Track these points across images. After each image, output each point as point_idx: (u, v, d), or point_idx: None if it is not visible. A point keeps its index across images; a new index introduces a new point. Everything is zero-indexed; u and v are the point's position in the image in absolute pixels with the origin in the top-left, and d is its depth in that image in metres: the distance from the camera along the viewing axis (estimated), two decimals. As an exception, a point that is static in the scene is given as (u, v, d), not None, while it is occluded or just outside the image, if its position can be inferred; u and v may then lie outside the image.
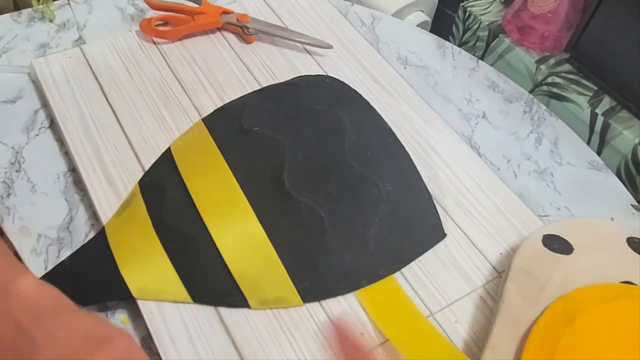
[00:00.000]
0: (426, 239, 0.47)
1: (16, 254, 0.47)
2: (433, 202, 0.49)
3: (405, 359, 0.41)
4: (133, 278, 0.42)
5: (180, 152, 0.49)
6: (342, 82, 0.57)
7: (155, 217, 0.45)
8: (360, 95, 0.55)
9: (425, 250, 0.47)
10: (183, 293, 0.42)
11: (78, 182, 0.51)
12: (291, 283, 0.42)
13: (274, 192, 0.45)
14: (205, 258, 0.43)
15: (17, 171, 0.52)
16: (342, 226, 0.45)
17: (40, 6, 0.65)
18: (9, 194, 0.50)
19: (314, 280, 0.43)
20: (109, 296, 0.42)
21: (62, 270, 0.43)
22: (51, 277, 0.42)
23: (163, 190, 0.46)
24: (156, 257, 0.43)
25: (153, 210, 0.45)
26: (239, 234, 0.43)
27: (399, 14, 0.95)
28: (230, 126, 0.50)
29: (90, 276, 0.43)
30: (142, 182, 0.48)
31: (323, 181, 0.46)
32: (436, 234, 0.48)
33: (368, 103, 0.54)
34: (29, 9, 0.66)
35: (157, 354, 0.41)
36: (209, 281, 0.43)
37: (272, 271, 0.42)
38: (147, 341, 0.43)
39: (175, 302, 0.43)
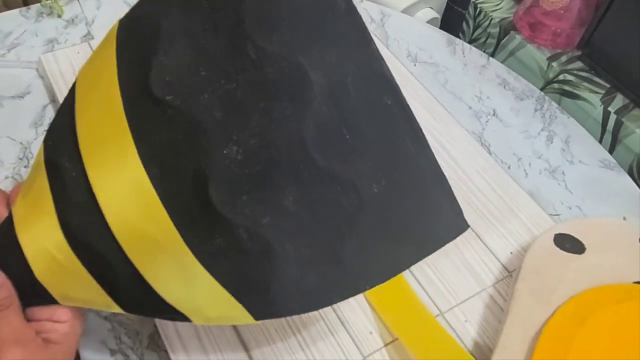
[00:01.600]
0: (435, 232, 0.35)
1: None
2: (450, 189, 0.35)
3: (414, 357, 0.40)
4: (52, 285, 0.33)
5: (81, 110, 0.33)
6: None
7: (61, 215, 0.32)
8: (352, 10, 0.32)
9: (439, 248, 0.35)
10: (114, 306, 0.33)
11: (86, 178, 0.51)
12: (239, 304, 0.32)
13: (198, 207, 0.30)
14: (126, 278, 0.32)
15: (25, 167, 0.52)
16: (302, 249, 0.31)
17: (49, 1, 0.65)
18: (17, 189, 0.50)
19: (268, 304, 0.33)
20: (30, 300, 0.33)
21: None
22: None
23: (62, 176, 0.32)
24: (73, 268, 0.33)
25: (58, 205, 0.32)
26: (159, 253, 0.31)
27: (409, 10, 0.94)
28: (139, 84, 0.31)
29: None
30: (47, 156, 0.33)
31: (272, 190, 0.30)
32: (450, 225, 0.35)
33: (364, 30, 0.32)
34: (38, 5, 0.66)
35: (165, 351, 0.41)
36: (138, 300, 0.33)
37: (210, 293, 0.32)
38: (155, 337, 0.43)
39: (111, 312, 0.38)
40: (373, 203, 0.31)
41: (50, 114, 0.56)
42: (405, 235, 0.34)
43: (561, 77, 0.66)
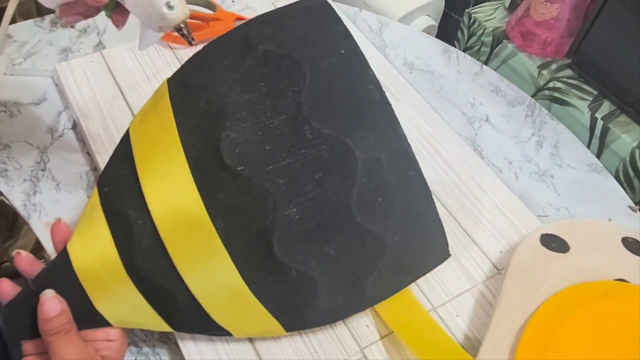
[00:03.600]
0: (429, 263, 0.45)
1: (42, 248, 0.50)
2: (443, 229, 0.42)
3: (409, 350, 0.43)
4: (109, 312, 0.39)
5: (145, 165, 0.39)
6: (364, 62, 0.39)
7: (125, 257, 0.38)
8: (386, 102, 0.38)
9: (427, 273, 0.45)
10: (165, 327, 0.40)
11: (100, 181, 0.54)
12: (278, 324, 0.40)
13: (260, 253, 0.37)
14: (185, 307, 0.39)
15: (42, 170, 0.55)
16: (336, 283, 0.39)
17: (62, 12, 0.68)
18: (35, 192, 0.53)
19: (300, 322, 0.42)
20: (86, 324, 0.39)
21: (31, 296, 0.38)
22: (19, 303, 0.39)
23: (129, 223, 0.38)
24: (133, 300, 0.39)
25: (120, 248, 0.38)
26: (220, 289, 0.38)
27: (406, 18, 0.97)
28: (208, 151, 0.37)
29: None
30: (104, 201, 0.40)
31: (319, 242, 0.37)
32: (440, 257, 0.45)
33: (394, 118, 0.39)
34: (52, 15, 0.69)
35: (175, 344, 0.44)
36: (192, 322, 0.40)
37: (258, 317, 0.40)
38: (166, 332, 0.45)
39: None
40: (393, 248, 0.39)
41: (64, 120, 0.59)
42: (411, 268, 0.43)
43: (551, 84, 0.69)
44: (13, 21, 0.75)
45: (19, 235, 0.96)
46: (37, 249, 0.95)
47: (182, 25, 0.40)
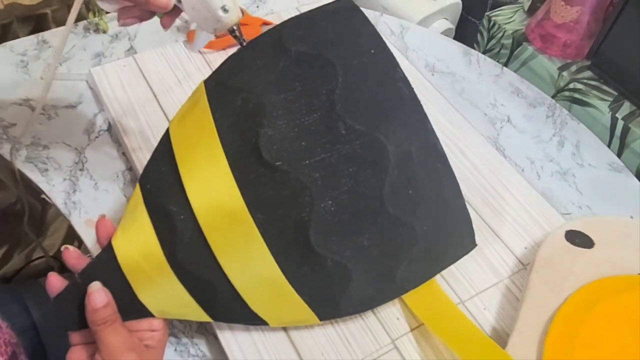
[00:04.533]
0: (457, 253, 0.46)
1: (82, 243, 0.52)
2: (470, 219, 0.44)
3: (439, 341, 0.45)
4: (152, 303, 0.41)
5: (186, 163, 0.40)
6: (392, 60, 0.41)
7: (167, 251, 0.40)
8: (415, 98, 0.40)
9: (455, 262, 0.47)
10: (205, 317, 0.42)
11: (135, 180, 0.56)
12: (312, 313, 0.42)
13: (297, 244, 0.39)
14: (225, 298, 0.41)
15: (80, 170, 0.57)
16: (369, 272, 0.41)
17: (95, 19, 0.71)
18: (74, 191, 0.55)
19: (334, 311, 0.44)
20: (130, 315, 0.41)
21: (78, 289, 0.40)
22: (67, 295, 0.41)
23: (171, 218, 0.40)
24: (175, 291, 0.41)
25: (163, 242, 0.40)
26: (258, 279, 0.40)
27: (425, 21, 0.99)
28: (247, 148, 0.39)
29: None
30: (146, 198, 0.41)
31: (353, 233, 0.39)
32: (467, 247, 0.46)
33: (423, 113, 0.41)
34: (85, 21, 0.72)
35: (213, 335, 0.46)
36: (231, 312, 0.42)
37: (294, 306, 0.42)
38: (203, 322, 0.47)
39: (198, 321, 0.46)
40: (423, 238, 0.41)
41: (100, 122, 0.62)
42: (439, 257, 0.45)
43: (571, 85, 0.70)
44: (47, 28, 0.77)
45: (47, 234, 0.99)
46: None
47: (235, 28, 0.42)
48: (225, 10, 0.40)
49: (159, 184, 0.42)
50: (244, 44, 0.43)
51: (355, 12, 0.42)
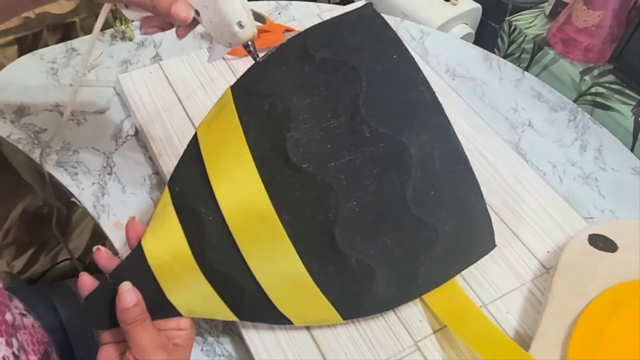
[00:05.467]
0: (477, 253, 0.47)
1: (112, 246, 0.54)
2: (490, 220, 0.44)
3: (462, 343, 0.45)
4: (180, 303, 0.42)
5: (214, 165, 0.42)
6: (414, 65, 0.42)
7: (196, 251, 0.41)
8: (437, 102, 0.41)
9: (475, 262, 0.47)
10: (231, 316, 0.43)
11: (162, 184, 0.58)
12: (336, 312, 0.43)
13: (323, 244, 0.40)
14: (251, 297, 0.42)
15: (109, 174, 0.59)
16: (392, 271, 0.42)
17: (122, 27, 0.73)
18: (103, 194, 0.57)
19: (357, 310, 0.45)
20: (159, 314, 0.42)
21: (109, 289, 0.42)
22: (98, 295, 0.42)
23: (200, 219, 0.41)
24: (203, 291, 0.42)
25: (192, 242, 0.41)
26: (284, 279, 0.41)
27: (445, 26, 0.99)
28: (274, 151, 0.40)
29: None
30: (175, 200, 0.43)
31: (377, 233, 0.40)
32: (487, 247, 0.47)
33: (445, 116, 0.41)
34: (111, 29, 0.74)
35: (238, 335, 0.47)
36: (256, 311, 0.43)
37: (318, 305, 0.43)
38: (229, 323, 0.48)
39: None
40: (445, 238, 0.42)
41: (127, 127, 0.63)
42: (460, 257, 0.46)
43: (593, 89, 0.70)
44: (76, 36, 0.80)
45: (71, 237, 1.01)
46: (88, 251, 1.00)
47: (249, 43, 0.43)
48: (241, 25, 0.41)
49: (188, 186, 0.43)
50: (258, 59, 0.44)
51: (377, 18, 0.43)
